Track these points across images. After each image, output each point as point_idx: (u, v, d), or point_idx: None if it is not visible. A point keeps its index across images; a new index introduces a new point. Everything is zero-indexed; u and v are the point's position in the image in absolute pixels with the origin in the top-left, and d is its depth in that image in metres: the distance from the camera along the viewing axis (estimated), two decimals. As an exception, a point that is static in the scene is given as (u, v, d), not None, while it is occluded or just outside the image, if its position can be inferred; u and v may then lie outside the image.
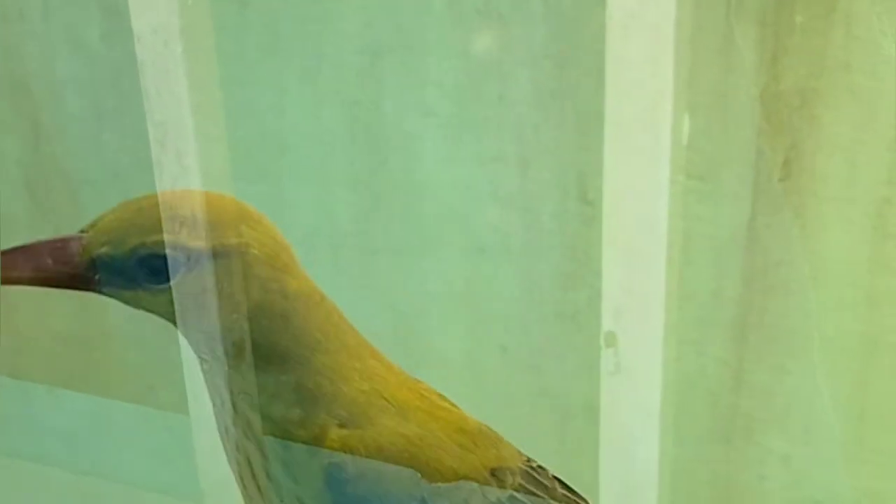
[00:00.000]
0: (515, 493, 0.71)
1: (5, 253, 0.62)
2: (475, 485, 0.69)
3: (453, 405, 0.73)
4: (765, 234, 0.98)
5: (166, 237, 0.63)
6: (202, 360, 0.66)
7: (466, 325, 1.14)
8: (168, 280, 0.63)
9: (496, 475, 0.71)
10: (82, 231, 0.63)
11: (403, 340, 1.17)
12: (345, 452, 0.66)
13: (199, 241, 0.63)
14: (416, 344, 1.17)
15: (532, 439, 1.13)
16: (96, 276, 0.63)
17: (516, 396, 1.14)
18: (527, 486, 0.72)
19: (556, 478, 0.75)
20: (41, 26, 1.19)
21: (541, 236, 1.08)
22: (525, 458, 0.74)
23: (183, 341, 0.68)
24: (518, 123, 1.04)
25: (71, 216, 1.24)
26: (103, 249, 0.62)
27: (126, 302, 0.64)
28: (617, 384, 0.89)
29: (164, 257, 0.63)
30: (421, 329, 1.16)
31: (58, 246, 0.63)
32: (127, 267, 0.63)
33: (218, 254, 0.64)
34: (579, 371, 1.10)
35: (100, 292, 0.64)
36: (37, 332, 1.28)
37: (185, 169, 0.87)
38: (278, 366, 0.66)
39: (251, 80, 1.10)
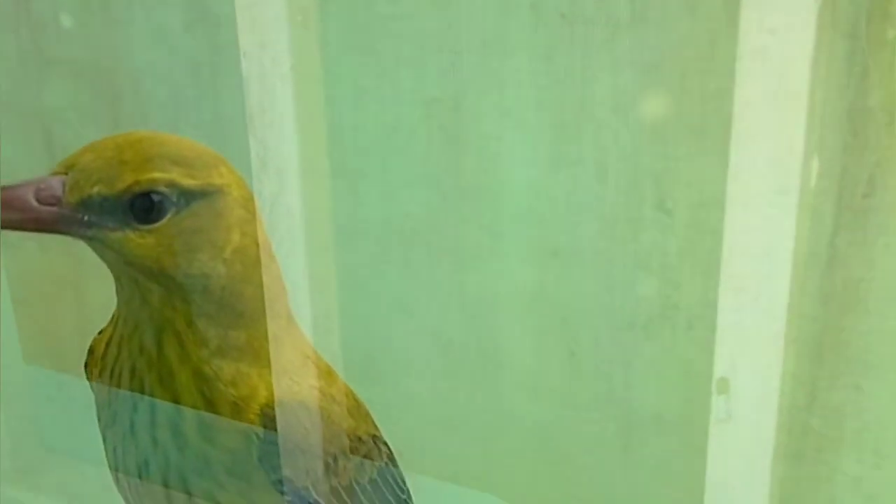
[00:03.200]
0: (389, 462, 0.75)
1: None
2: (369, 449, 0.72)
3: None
4: (846, 251, 0.96)
5: (159, 175, 0.61)
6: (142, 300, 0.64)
7: (535, 329, 1.13)
8: (159, 220, 0.62)
9: (376, 442, 0.74)
10: (55, 173, 0.61)
11: (471, 341, 1.17)
12: (273, 406, 0.66)
13: (189, 180, 0.62)
14: (483, 345, 1.16)
15: (595, 446, 1.13)
16: (85, 218, 0.61)
17: (582, 402, 1.14)
18: (391, 455, 0.76)
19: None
20: (124, 14, 1.19)
21: (615, 243, 1.07)
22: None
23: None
24: (597, 128, 1.03)
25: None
26: (95, 189, 0.61)
27: (107, 245, 0.62)
28: (727, 432, 0.87)
29: (157, 195, 0.62)
30: (489, 330, 1.16)
31: (42, 188, 0.60)
32: (119, 206, 0.61)
33: (206, 193, 0.63)
34: (646, 381, 1.09)
35: (81, 236, 0.62)
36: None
37: (285, 187, 0.87)
38: (233, 319, 0.66)
39: (329, 77, 1.10)
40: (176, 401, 0.65)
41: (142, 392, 0.66)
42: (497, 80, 1.06)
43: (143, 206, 0.62)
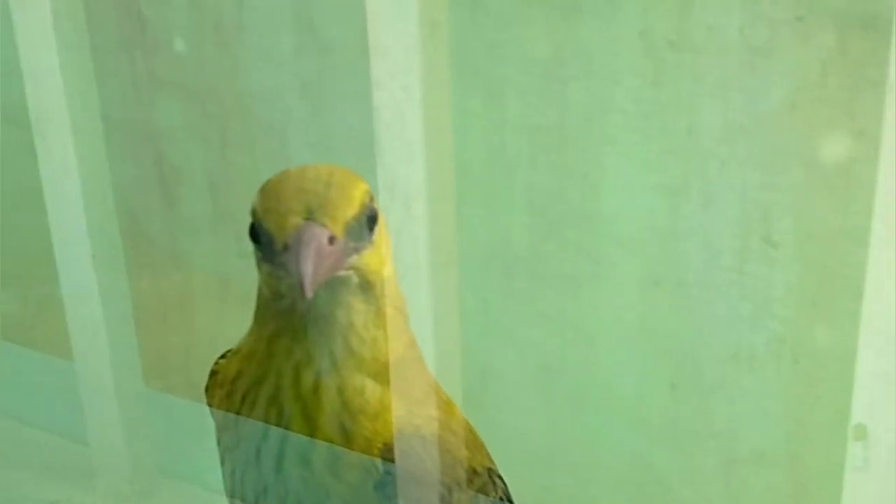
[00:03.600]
0: (504, 497, 0.74)
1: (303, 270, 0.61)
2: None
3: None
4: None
5: (367, 186, 0.63)
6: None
7: (636, 359, 1.13)
8: (374, 231, 0.63)
9: (491, 475, 0.73)
10: (293, 223, 0.61)
11: (571, 368, 1.16)
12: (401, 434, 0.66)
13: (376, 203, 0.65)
14: (583, 373, 1.16)
15: (694, 480, 1.12)
16: (350, 245, 0.62)
17: (682, 436, 1.12)
18: (507, 490, 0.75)
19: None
20: (235, 38, 1.22)
21: (719, 274, 1.05)
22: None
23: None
24: (704, 157, 1.03)
25: (249, 222, 1.26)
26: (348, 212, 0.61)
27: (359, 268, 0.62)
28: (864, 480, 0.85)
29: (373, 206, 0.63)
30: (589, 358, 1.15)
31: (318, 232, 0.60)
32: (360, 224, 0.62)
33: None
34: (749, 415, 1.08)
35: (345, 269, 0.63)
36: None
37: (412, 217, 0.87)
38: (384, 344, 0.66)
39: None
40: (313, 432, 0.66)
41: (278, 420, 0.66)
42: (603, 108, 1.06)
43: (370, 218, 0.63)
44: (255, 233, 0.63)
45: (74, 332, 1.13)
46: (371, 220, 0.63)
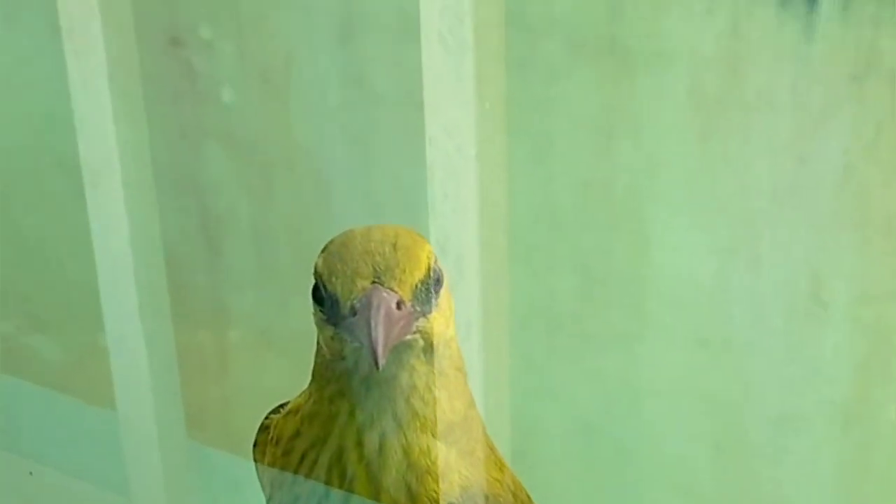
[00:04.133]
0: None
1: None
2: None
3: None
4: None
5: (430, 247, 0.64)
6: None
7: (681, 419, 1.11)
8: (438, 293, 0.64)
9: None
10: (375, 283, 0.61)
11: (614, 429, 1.15)
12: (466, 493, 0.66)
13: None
14: (627, 432, 1.15)
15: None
16: (416, 308, 0.62)
17: (727, 499, 1.11)
18: None
19: None
20: (283, 90, 1.22)
21: (768, 334, 1.05)
22: None
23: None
24: (753, 216, 1.02)
25: (292, 275, 1.26)
26: (415, 276, 0.62)
27: (424, 332, 0.62)
28: None
29: (438, 267, 0.64)
30: (634, 417, 1.14)
31: (387, 296, 0.60)
32: (426, 287, 0.63)
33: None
34: (799, 481, 1.06)
35: (412, 334, 0.63)
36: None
37: (463, 275, 0.87)
38: (451, 404, 0.67)
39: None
40: (377, 494, 0.65)
41: (340, 482, 0.66)
42: (651, 165, 1.05)
43: (436, 281, 0.64)
44: (319, 294, 0.63)
45: (118, 381, 1.14)
46: (437, 282, 0.63)
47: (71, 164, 1.08)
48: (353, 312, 0.60)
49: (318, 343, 0.66)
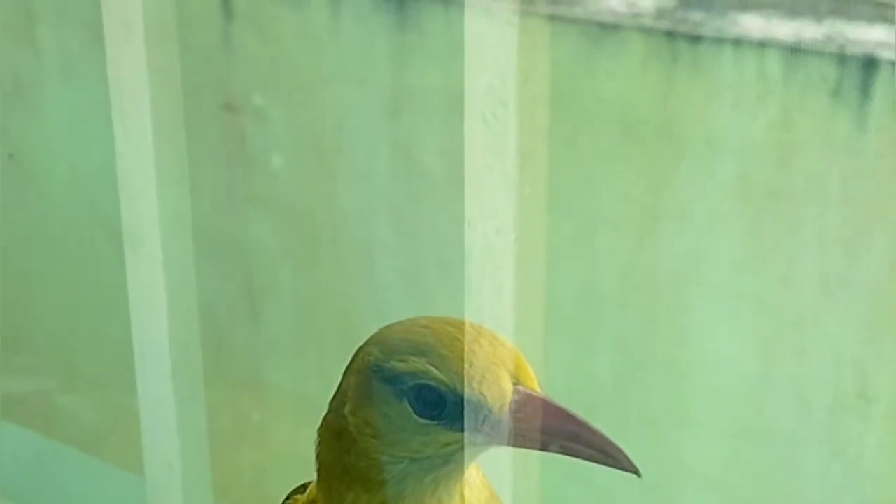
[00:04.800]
0: None
1: None
2: None
3: None
4: None
5: None
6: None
7: (719, 509, 1.10)
8: None
9: None
10: (515, 383, 0.60)
11: (650, 516, 1.13)
12: None
13: None
14: (663, 521, 1.13)
15: None
16: None
17: None
18: None
19: None
20: (332, 157, 1.23)
21: (810, 428, 1.03)
22: None
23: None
24: (799, 307, 1.01)
25: (332, 343, 1.26)
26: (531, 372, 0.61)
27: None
28: None
29: None
30: (671, 506, 1.12)
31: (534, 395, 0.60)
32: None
33: None
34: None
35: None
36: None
37: None
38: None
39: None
40: None
41: None
42: (696, 251, 1.05)
43: None
44: (432, 398, 0.60)
45: (148, 446, 1.13)
46: None
47: (114, 224, 1.08)
48: (513, 416, 0.59)
49: (347, 449, 0.63)
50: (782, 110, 0.97)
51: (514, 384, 0.59)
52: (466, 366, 0.59)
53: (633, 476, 1.05)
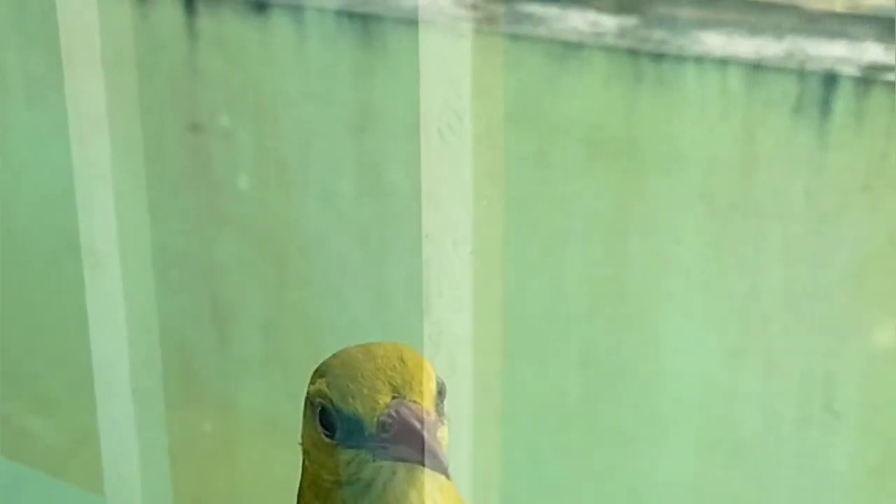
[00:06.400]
0: None
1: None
2: None
3: None
4: None
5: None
6: None
7: (691, 523, 1.10)
8: None
9: None
10: (395, 397, 0.58)
11: (623, 531, 1.13)
12: None
13: None
14: (636, 536, 1.13)
15: None
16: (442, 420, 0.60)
17: None
18: None
19: None
20: (298, 178, 1.23)
21: (779, 440, 1.04)
22: None
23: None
24: (766, 321, 1.01)
25: (300, 363, 1.26)
26: (431, 385, 0.60)
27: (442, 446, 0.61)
28: None
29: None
30: (640, 521, 1.12)
31: (416, 408, 0.58)
32: (438, 402, 0.60)
33: None
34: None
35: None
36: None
37: (456, 373, 0.87)
38: None
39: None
40: None
41: None
42: (663, 265, 1.05)
43: (441, 393, 0.61)
44: (328, 418, 0.59)
45: (108, 466, 1.12)
46: (441, 393, 0.61)
47: (76, 246, 1.08)
48: (384, 429, 0.57)
49: (308, 473, 0.62)
50: (745, 126, 0.98)
51: (394, 398, 0.58)
52: (350, 383, 0.59)
53: (607, 487, 1.05)
